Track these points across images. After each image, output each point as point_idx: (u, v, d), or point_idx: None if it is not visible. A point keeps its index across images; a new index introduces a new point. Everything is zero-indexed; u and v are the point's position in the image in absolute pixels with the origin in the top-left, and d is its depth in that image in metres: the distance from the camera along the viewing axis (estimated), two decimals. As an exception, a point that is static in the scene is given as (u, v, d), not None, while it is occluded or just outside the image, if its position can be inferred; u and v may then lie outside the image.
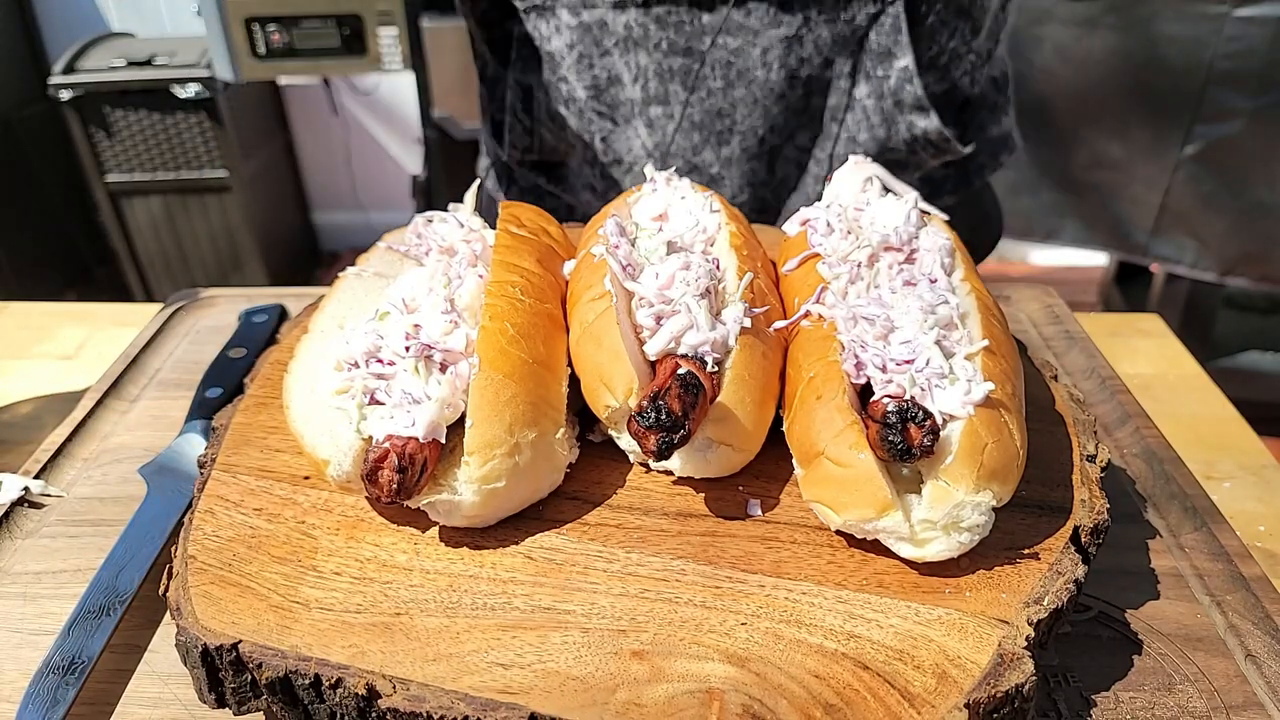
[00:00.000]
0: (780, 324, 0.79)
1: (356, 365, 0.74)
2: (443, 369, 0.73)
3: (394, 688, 0.58)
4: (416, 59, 2.81)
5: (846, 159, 0.98)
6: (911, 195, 0.88)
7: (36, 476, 0.89)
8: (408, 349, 0.73)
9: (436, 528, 0.72)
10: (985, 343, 0.71)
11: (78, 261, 3.66)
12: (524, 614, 0.63)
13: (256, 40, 2.80)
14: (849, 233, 0.85)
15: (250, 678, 0.61)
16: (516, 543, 0.70)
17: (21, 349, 1.24)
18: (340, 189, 4.24)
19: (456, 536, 0.70)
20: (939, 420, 0.64)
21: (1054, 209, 2.62)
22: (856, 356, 0.71)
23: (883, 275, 0.80)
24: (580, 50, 1.23)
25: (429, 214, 0.96)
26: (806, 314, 0.78)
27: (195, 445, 0.90)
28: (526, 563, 0.68)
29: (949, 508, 0.63)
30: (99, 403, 1.00)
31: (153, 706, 0.67)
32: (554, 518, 0.72)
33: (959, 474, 0.64)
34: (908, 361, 0.69)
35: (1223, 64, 2.22)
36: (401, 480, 0.65)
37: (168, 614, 0.73)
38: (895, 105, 1.19)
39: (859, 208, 0.90)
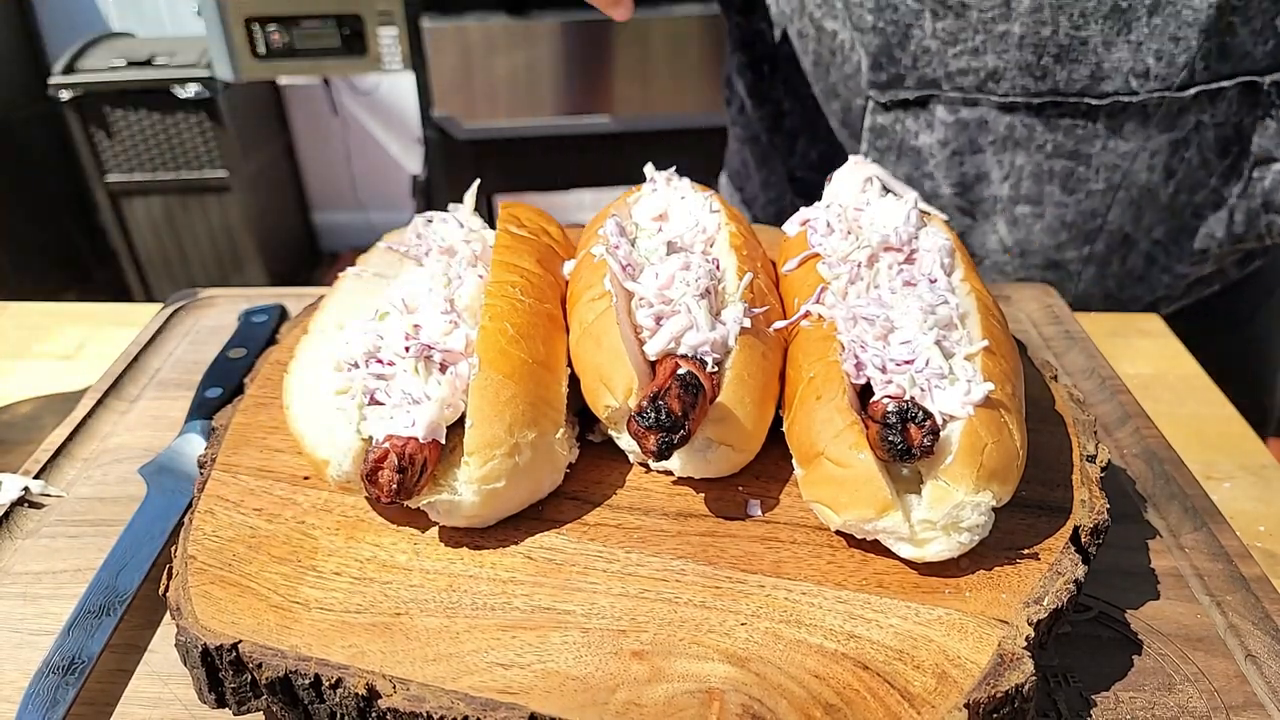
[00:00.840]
0: (780, 324, 0.79)
1: (356, 365, 0.74)
2: (442, 369, 0.73)
3: (394, 688, 0.58)
4: (417, 59, 2.81)
5: (1204, 251, 0.95)
6: (911, 195, 0.88)
7: (36, 476, 0.89)
8: (408, 349, 0.73)
9: (436, 528, 0.71)
10: (985, 343, 0.71)
11: (78, 261, 3.66)
12: (524, 614, 0.63)
13: (256, 40, 2.80)
14: (849, 233, 0.84)
15: (250, 678, 0.61)
16: (516, 543, 0.70)
17: (21, 349, 1.24)
18: (340, 189, 4.24)
19: (456, 536, 0.70)
20: (939, 420, 0.64)
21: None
22: (856, 357, 0.71)
23: (883, 275, 0.79)
24: (953, 148, 1.22)
25: (429, 214, 0.96)
26: (806, 314, 0.78)
27: (195, 445, 0.90)
28: (526, 563, 0.68)
29: (949, 508, 0.63)
30: (99, 403, 1.00)
31: (152, 706, 0.67)
32: (554, 518, 0.72)
33: (959, 474, 0.63)
34: (907, 362, 0.68)
35: None
36: (401, 480, 0.65)
37: (167, 614, 0.73)
38: (1263, 205, 1.20)
39: (858, 208, 0.89)
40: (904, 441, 0.63)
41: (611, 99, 2.86)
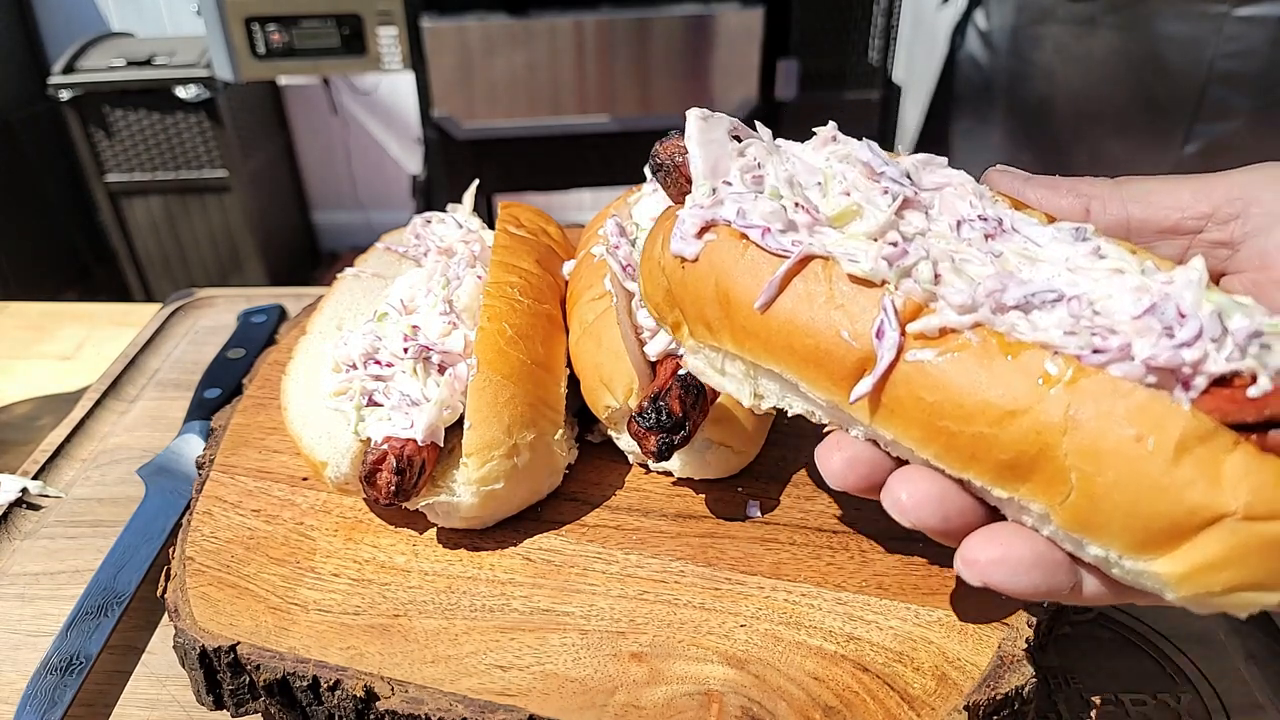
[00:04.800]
0: (870, 379, 0.49)
1: (355, 366, 0.74)
2: (441, 370, 0.73)
3: (392, 690, 0.58)
4: (416, 59, 2.81)
5: None
6: (830, 127, 0.60)
7: (35, 477, 0.89)
8: (406, 350, 0.73)
9: (435, 529, 0.71)
10: (1200, 258, 0.47)
11: (77, 261, 3.66)
12: (522, 616, 0.63)
13: (256, 40, 2.79)
14: (813, 223, 0.53)
15: (248, 679, 0.61)
16: (515, 544, 0.70)
17: (21, 349, 1.24)
18: (340, 189, 4.24)
19: (455, 538, 0.70)
20: None
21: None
22: (1101, 353, 0.44)
23: (940, 240, 0.51)
24: None
25: (427, 214, 0.96)
26: (901, 346, 0.47)
27: (194, 446, 0.89)
28: (525, 564, 0.68)
29: None
30: (97, 403, 1.00)
31: (150, 708, 0.66)
32: (553, 519, 0.72)
33: None
34: (1198, 334, 0.43)
35: (1223, 64, 2.22)
36: (400, 482, 0.65)
37: (166, 615, 0.73)
38: None
39: (756, 175, 0.57)
40: None
41: (612, 99, 2.86)
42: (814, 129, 0.61)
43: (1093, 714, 0.63)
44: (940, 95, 2.69)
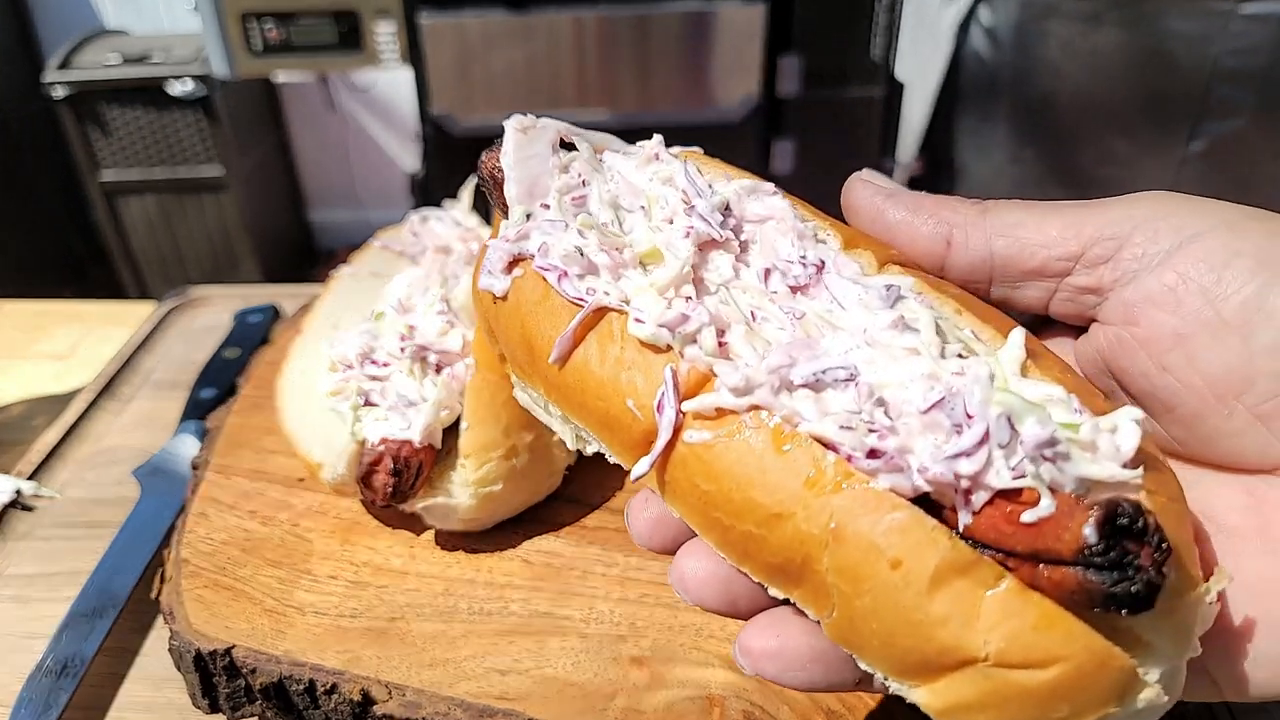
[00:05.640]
0: (644, 464, 0.43)
1: (351, 366, 0.74)
2: (438, 370, 0.73)
3: (389, 693, 0.57)
4: (414, 55, 2.80)
5: None
6: (654, 141, 0.54)
7: (29, 478, 0.88)
8: (403, 350, 0.72)
9: (432, 531, 0.71)
10: (1020, 332, 0.42)
11: (72, 260, 3.65)
12: (521, 619, 0.63)
13: (253, 36, 2.78)
14: (617, 249, 0.47)
15: (244, 683, 0.60)
16: (514, 546, 0.69)
17: (15, 349, 1.23)
18: (337, 186, 4.23)
19: (453, 540, 0.70)
20: (1152, 514, 0.35)
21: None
22: (875, 456, 0.38)
23: (741, 295, 0.46)
24: None
25: (424, 212, 0.95)
26: (679, 425, 0.42)
27: (189, 446, 0.89)
28: (524, 567, 0.67)
29: (1197, 628, 0.37)
30: (92, 403, 0.99)
31: (146, 711, 0.66)
32: (552, 521, 0.72)
33: (1185, 574, 0.37)
34: (981, 441, 0.37)
35: (1228, 61, 2.21)
36: (397, 484, 0.65)
37: (161, 618, 0.72)
38: None
39: (576, 196, 0.51)
40: (1142, 573, 0.33)
41: (612, 96, 2.85)
42: (685, 147, 0.54)
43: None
44: (944, 92, 2.68)
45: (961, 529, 0.37)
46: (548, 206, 0.50)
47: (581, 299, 0.45)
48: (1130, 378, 0.43)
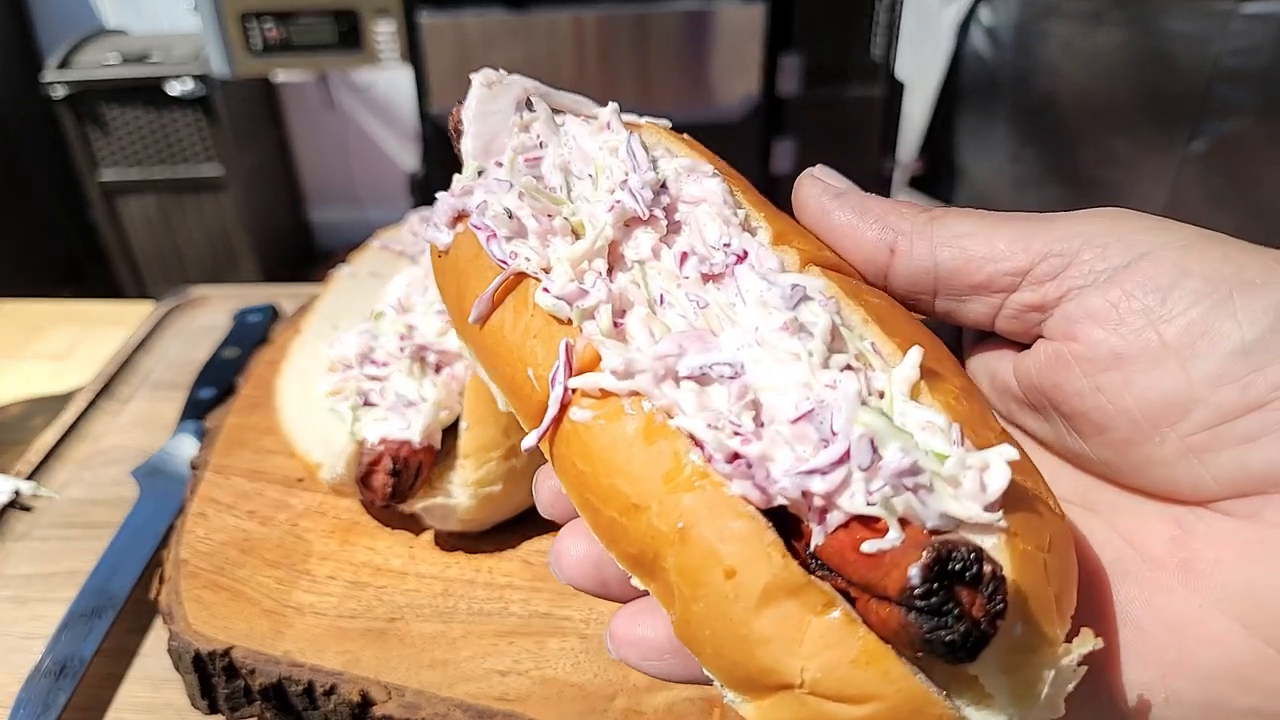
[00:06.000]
0: (534, 435, 0.43)
1: (350, 366, 0.73)
2: (437, 370, 0.73)
3: (389, 694, 0.57)
4: (414, 54, 2.80)
5: None
6: (610, 105, 0.53)
7: (28, 478, 0.88)
8: (402, 350, 0.72)
9: (431, 532, 0.71)
10: (918, 351, 0.39)
11: (70, 259, 3.65)
12: (521, 620, 0.63)
13: (252, 35, 2.78)
14: (548, 215, 0.47)
15: (243, 684, 0.60)
16: (513, 547, 0.69)
17: (13, 349, 1.23)
18: (336, 186, 4.23)
19: (452, 541, 0.70)
20: (995, 560, 0.33)
21: (1061, 205, 2.61)
22: (733, 460, 0.37)
23: (655, 277, 0.45)
24: None
25: (424, 211, 0.95)
26: (566, 400, 0.42)
27: (188, 447, 0.89)
28: (523, 567, 0.67)
29: (1045, 687, 0.34)
30: (91, 404, 0.99)
31: (145, 712, 0.66)
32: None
33: (1038, 629, 0.35)
34: (839, 460, 0.35)
35: (1229, 61, 2.21)
36: (396, 484, 0.64)
37: (160, 618, 0.72)
38: None
39: (531, 157, 0.51)
40: (963, 622, 0.32)
41: (611, 94, 2.84)
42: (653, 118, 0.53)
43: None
44: (945, 91, 2.68)
45: (813, 548, 0.36)
46: (501, 165, 0.50)
47: (504, 261, 0.45)
48: (1064, 395, 0.41)
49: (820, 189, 0.48)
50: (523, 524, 0.71)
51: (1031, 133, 2.60)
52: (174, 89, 3.17)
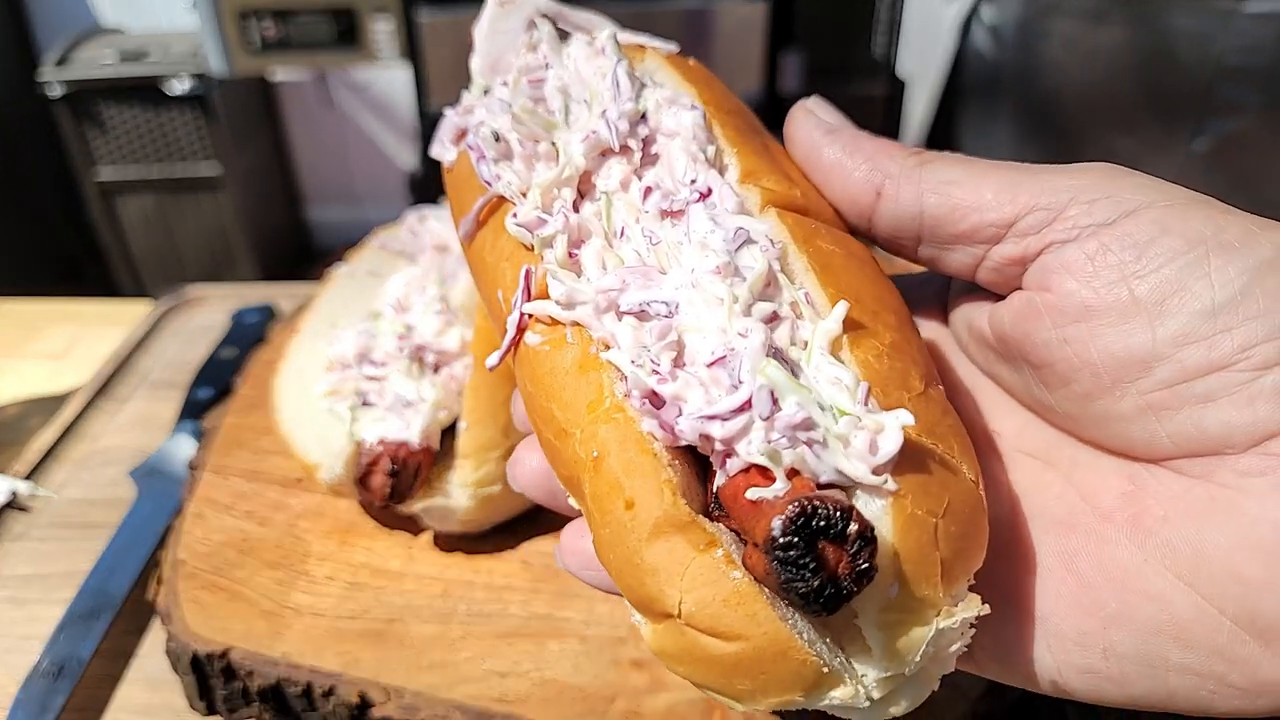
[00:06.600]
0: (496, 354, 0.45)
1: (348, 366, 0.73)
2: (436, 370, 0.72)
3: (387, 696, 0.57)
4: (412, 52, 2.79)
5: None
6: (607, 30, 0.53)
7: (25, 478, 0.88)
8: (400, 349, 0.72)
9: (430, 533, 0.70)
10: (843, 305, 0.39)
11: (68, 258, 3.64)
12: (520, 621, 0.62)
13: (250, 34, 2.77)
14: (535, 140, 0.47)
15: (241, 685, 0.60)
16: (512, 548, 0.69)
17: (10, 348, 1.23)
18: (334, 184, 4.22)
19: (451, 542, 0.69)
20: (867, 519, 0.33)
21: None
22: (651, 400, 0.38)
23: (620, 209, 0.45)
24: None
25: (423, 210, 0.95)
26: (523, 325, 0.43)
27: (186, 447, 0.88)
28: (523, 569, 0.67)
29: (919, 648, 0.35)
30: (89, 404, 0.99)
31: (143, 713, 0.65)
32: (551, 523, 0.71)
33: (918, 591, 0.35)
34: (740, 408, 0.36)
35: (1232, 59, 2.21)
36: (394, 485, 0.64)
37: (158, 619, 0.72)
38: None
39: (535, 78, 0.50)
40: (818, 577, 0.32)
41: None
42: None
43: (1099, 711, 0.63)
44: (947, 90, 2.67)
45: (715, 490, 0.37)
46: (506, 85, 0.50)
47: (489, 183, 0.46)
48: (1032, 345, 0.40)
49: (813, 123, 0.47)
50: (522, 525, 0.71)
51: (1034, 131, 2.59)
52: (172, 87, 3.16)
